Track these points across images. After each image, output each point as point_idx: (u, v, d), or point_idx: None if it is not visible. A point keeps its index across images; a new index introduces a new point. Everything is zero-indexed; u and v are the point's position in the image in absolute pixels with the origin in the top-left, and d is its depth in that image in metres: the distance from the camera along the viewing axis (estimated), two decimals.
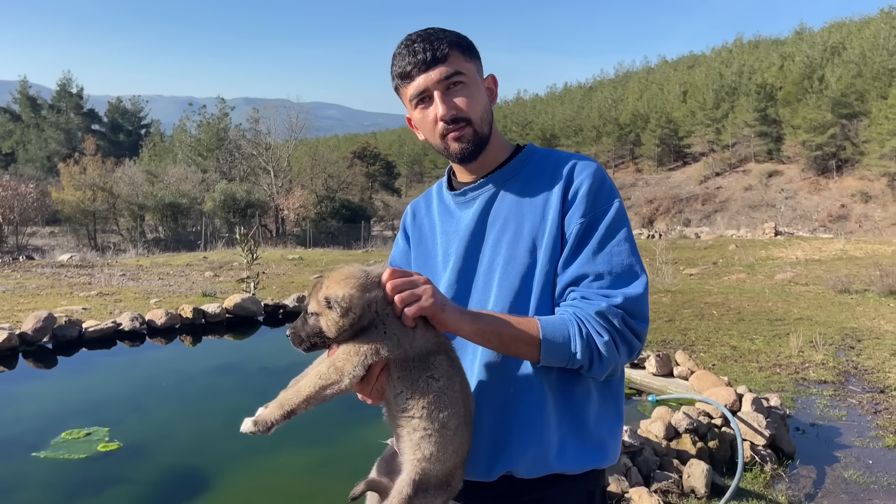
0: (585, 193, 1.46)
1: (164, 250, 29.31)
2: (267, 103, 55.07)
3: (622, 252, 1.43)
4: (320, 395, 1.29)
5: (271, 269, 17.15)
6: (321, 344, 1.32)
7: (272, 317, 9.03)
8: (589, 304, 1.39)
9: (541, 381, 1.45)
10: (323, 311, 1.29)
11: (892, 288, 11.85)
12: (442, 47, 1.45)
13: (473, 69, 1.52)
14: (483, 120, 1.51)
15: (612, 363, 1.40)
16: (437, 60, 1.45)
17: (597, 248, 1.43)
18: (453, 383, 1.34)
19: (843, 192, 50.56)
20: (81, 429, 4.78)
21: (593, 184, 1.47)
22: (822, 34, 71.41)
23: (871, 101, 49.48)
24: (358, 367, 1.27)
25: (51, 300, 10.78)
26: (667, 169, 66.66)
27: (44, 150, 63.18)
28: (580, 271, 1.43)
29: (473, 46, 1.54)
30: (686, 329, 9.04)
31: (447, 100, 1.47)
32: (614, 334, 1.37)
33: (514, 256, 1.49)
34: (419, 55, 1.45)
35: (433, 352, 1.33)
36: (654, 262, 14.54)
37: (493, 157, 1.57)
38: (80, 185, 38.34)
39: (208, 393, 6.05)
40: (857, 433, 5.24)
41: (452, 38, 1.49)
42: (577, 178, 1.48)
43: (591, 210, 1.45)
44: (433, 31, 1.49)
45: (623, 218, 1.48)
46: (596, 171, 1.49)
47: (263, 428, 1.31)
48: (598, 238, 1.44)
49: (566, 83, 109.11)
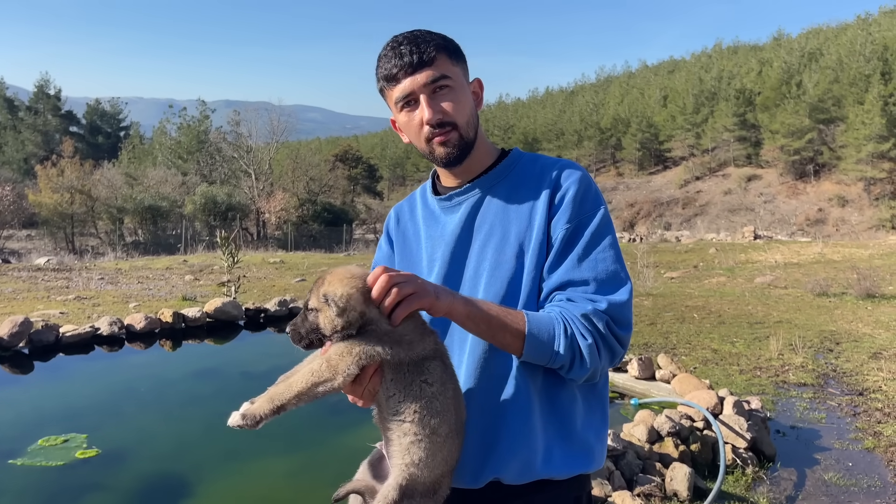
0: (571, 199, 1.45)
1: (143, 254, 29.02)
2: (248, 106, 54.76)
3: (607, 259, 1.43)
4: (312, 392, 1.26)
5: (252, 272, 17.03)
6: (318, 342, 1.30)
7: (253, 321, 8.96)
8: (575, 306, 1.39)
9: (527, 386, 1.44)
10: (322, 307, 1.27)
11: (868, 291, 12.01)
12: (429, 50, 1.43)
13: (460, 73, 1.50)
14: (469, 124, 1.49)
15: (592, 367, 1.39)
16: (424, 63, 1.43)
17: (582, 255, 1.42)
18: (446, 389, 1.33)
19: (821, 197, 51.22)
20: (59, 435, 4.70)
21: (579, 190, 1.46)
22: (799, 40, 72.42)
23: (848, 106, 50.22)
24: (352, 366, 1.25)
25: (27, 304, 10.62)
26: (647, 173, 67.19)
27: (21, 152, 62.41)
28: (565, 277, 1.42)
29: (460, 50, 1.52)
30: (667, 332, 9.09)
31: (433, 103, 1.45)
32: (598, 338, 1.37)
33: (501, 262, 1.48)
34: (405, 57, 1.43)
35: (429, 357, 1.31)
36: (636, 265, 14.62)
37: (478, 162, 1.56)
38: (57, 188, 37.88)
39: (188, 398, 5.98)
40: (837, 435, 5.28)
41: (440, 40, 1.47)
42: (564, 183, 1.48)
43: (577, 216, 1.45)
44: (420, 34, 1.47)
45: (608, 224, 1.47)
46: (582, 178, 1.49)
47: (252, 422, 1.28)
48: (583, 244, 1.43)
49: (548, 87, 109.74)
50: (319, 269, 18.44)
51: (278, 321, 9.10)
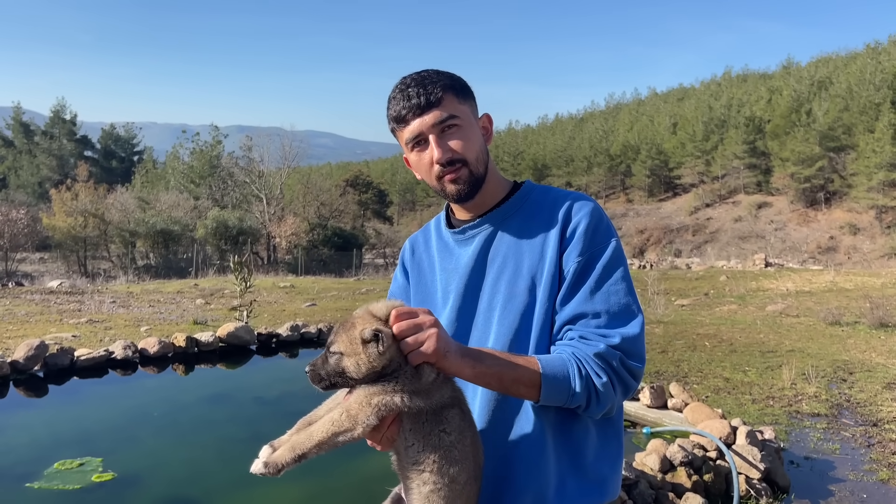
0: (583, 232, 1.48)
1: (154, 277, 29.18)
2: (260, 131, 55.32)
3: (619, 291, 1.45)
4: (332, 442, 1.29)
5: (263, 296, 17.10)
6: (342, 384, 1.32)
7: (265, 346, 8.99)
8: (587, 344, 1.41)
9: (540, 419, 1.47)
10: (352, 350, 1.28)
11: (882, 320, 11.92)
12: (435, 91, 1.48)
13: (468, 111, 1.54)
14: (478, 160, 1.53)
15: (609, 403, 1.42)
16: (431, 104, 1.47)
17: (594, 288, 1.45)
18: (465, 437, 1.35)
19: (832, 224, 51.04)
20: (74, 459, 4.72)
21: (591, 223, 1.49)
22: (809, 69, 72.64)
23: (859, 134, 50.25)
24: (371, 417, 1.26)
25: (40, 327, 10.71)
26: (657, 199, 67.24)
27: (36, 175, 63.20)
28: (577, 310, 1.44)
29: (468, 88, 1.56)
30: (679, 360, 9.06)
31: (442, 143, 1.49)
32: (612, 375, 1.39)
33: (514, 294, 1.51)
34: (413, 99, 1.47)
35: (447, 405, 1.33)
36: (647, 292, 14.59)
37: (490, 196, 1.59)
38: (71, 212, 38.24)
39: (201, 422, 6.00)
40: (851, 466, 5.25)
41: (446, 81, 1.51)
42: (575, 216, 1.50)
43: (589, 249, 1.47)
44: (427, 75, 1.51)
45: (620, 257, 1.49)
46: (593, 210, 1.51)
47: (274, 470, 1.31)
48: (595, 277, 1.46)
49: (557, 114, 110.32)
50: (329, 294, 18.49)
51: (290, 346, 9.12)
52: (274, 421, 6.14)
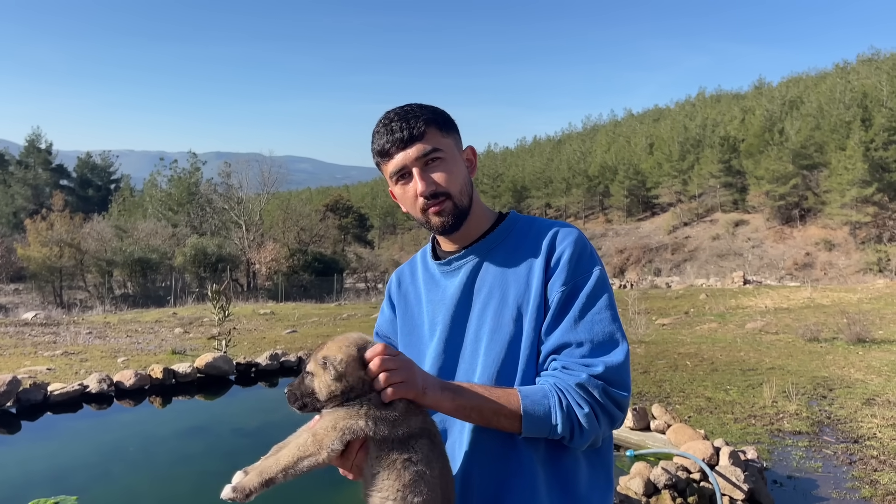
0: (567, 261, 1.47)
1: (132, 306, 28.82)
2: (239, 157, 55.24)
3: (603, 320, 1.44)
4: (298, 467, 1.28)
5: (242, 324, 16.93)
6: (311, 405, 1.33)
7: (244, 375, 8.87)
8: (570, 374, 1.40)
9: (530, 451, 1.45)
10: (318, 372, 1.30)
11: (859, 336, 12.05)
12: (418, 125, 1.48)
13: (451, 143, 1.54)
14: (462, 193, 1.53)
15: (592, 434, 1.40)
16: (414, 138, 1.47)
17: (578, 317, 1.44)
18: (432, 469, 1.33)
19: (808, 241, 51.76)
20: (48, 498, 4.59)
21: (574, 252, 1.49)
22: (780, 88, 74.11)
23: (830, 152, 51.19)
24: (336, 442, 1.27)
25: (14, 360, 10.50)
26: (636, 219, 67.82)
27: (10, 205, 62.43)
28: (562, 340, 1.44)
29: (451, 121, 1.56)
30: (661, 381, 9.06)
31: (426, 176, 1.49)
32: (595, 406, 1.38)
33: (500, 325, 1.50)
34: (396, 133, 1.48)
35: (416, 435, 1.32)
36: (628, 312, 14.64)
37: (475, 227, 1.59)
38: (46, 242, 37.80)
39: (178, 457, 5.88)
40: (834, 485, 5.25)
41: (429, 114, 1.51)
42: (559, 246, 1.50)
43: (573, 278, 1.47)
44: (410, 109, 1.52)
45: (604, 285, 1.49)
46: (577, 240, 1.51)
47: (241, 495, 1.29)
48: (579, 306, 1.45)
49: (535, 136, 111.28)
50: (310, 320, 18.35)
51: (270, 376, 9.01)
52: (253, 453, 5.98)
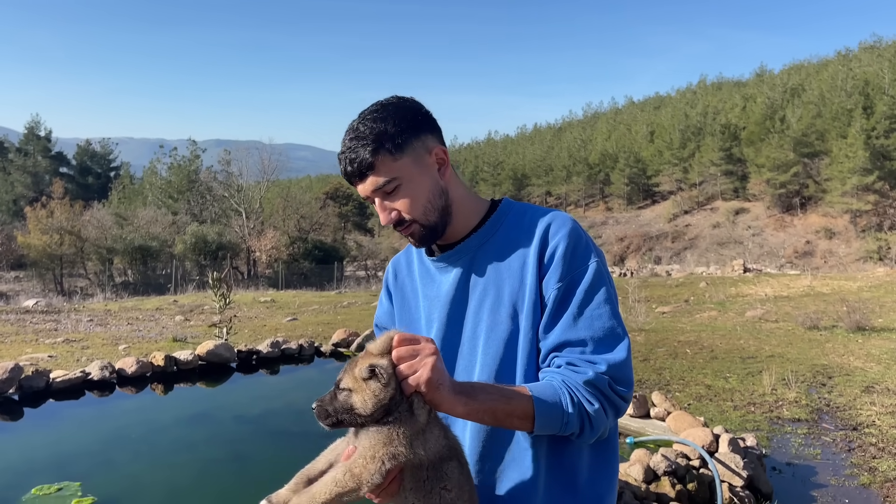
0: (561, 256, 1.43)
1: (133, 294, 28.84)
2: (239, 145, 55.13)
3: (602, 315, 1.41)
4: (336, 503, 1.25)
5: (243, 312, 16.96)
6: (349, 421, 1.28)
7: (245, 363, 8.91)
8: (576, 371, 1.38)
9: (532, 443, 1.45)
10: (359, 386, 1.25)
11: (858, 324, 12.07)
12: (366, 159, 1.41)
13: (408, 163, 1.45)
14: (429, 211, 1.48)
15: (601, 428, 1.40)
16: (364, 174, 1.43)
17: (577, 314, 1.41)
18: (463, 493, 1.32)
19: (808, 229, 51.74)
20: (52, 484, 4.63)
21: (569, 245, 1.44)
22: (781, 76, 73.83)
23: (832, 140, 51.06)
24: (376, 475, 1.23)
25: (15, 348, 10.52)
26: (636, 207, 67.74)
27: (10, 193, 62.32)
28: (562, 338, 1.41)
29: (405, 134, 1.44)
30: (661, 368, 9.09)
31: (385, 206, 1.46)
32: (604, 401, 1.38)
33: (497, 323, 1.48)
34: (348, 168, 1.44)
35: (445, 458, 1.30)
36: (628, 300, 14.66)
37: (463, 223, 1.55)
38: (46, 229, 37.77)
39: (180, 444, 5.91)
40: (833, 472, 5.28)
41: (377, 141, 1.42)
42: (553, 239, 1.45)
43: (568, 273, 1.43)
44: (358, 135, 1.44)
45: (601, 278, 1.44)
46: (571, 231, 1.46)
47: None
48: (577, 303, 1.42)
49: (536, 124, 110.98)
50: (311, 308, 18.38)
51: (271, 363, 9.05)
52: (255, 440, 6.07)
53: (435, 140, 1.51)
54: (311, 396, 1.32)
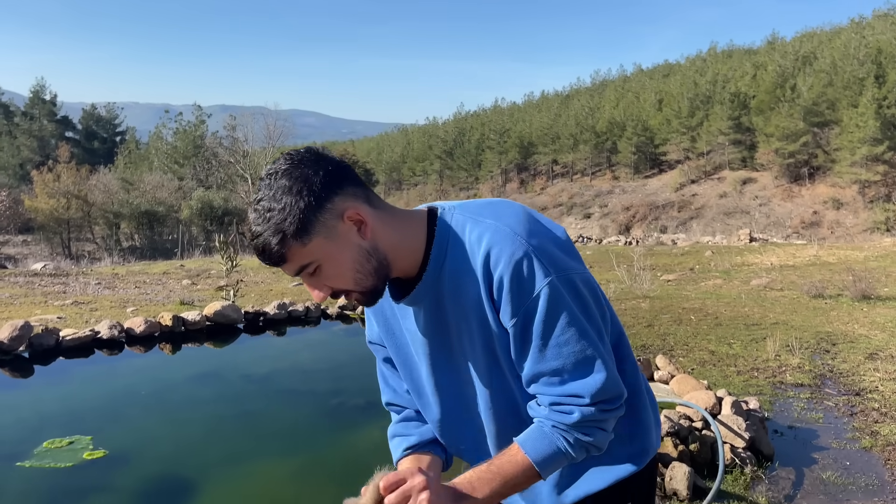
0: (508, 290, 1.31)
1: (139, 258, 28.98)
2: (244, 111, 54.84)
3: (569, 341, 1.33)
4: None
5: (249, 277, 17.03)
6: None
7: (252, 324, 8.98)
8: (563, 413, 1.36)
9: None
10: None
11: (864, 293, 12.06)
12: (274, 253, 1.30)
13: (320, 242, 1.30)
14: (360, 279, 1.36)
15: (605, 441, 1.42)
16: (279, 264, 1.32)
17: (541, 346, 1.34)
18: None
19: (816, 199, 51.45)
20: (63, 438, 4.72)
21: (513, 276, 1.30)
22: (793, 44, 72.70)
23: (842, 109, 50.48)
24: None
25: (25, 309, 10.61)
26: (643, 176, 67.38)
27: (16, 157, 62.34)
28: (534, 370, 1.37)
29: (308, 216, 1.28)
30: (665, 334, 9.13)
31: (314, 283, 1.36)
32: (598, 427, 1.38)
33: (477, 358, 1.45)
34: (261, 258, 1.34)
35: None
36: (633, 268, 14.66)
37: (410, 262, 1.41)
38: (53, 193, 37.88)
39: (189, 401, 6.00)
40: (834, 435, 5.33)
41: (279, 232, 1.28)
42: (496, 271, 1.32)
43: (520, 307, 1.32)
44: (260, 225, 1.30)
45: (558, 301, 1.31)
46: (511, 258, 1.30)
47: None
48: (537, 335, 1.33)
49: (543, 91, 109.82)
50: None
51: (278, 324, 9.12)
52: (261, 398, 6.15)
53: (345, 199, 1.31)
54: (318, 357, 1.34)
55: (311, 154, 1.32)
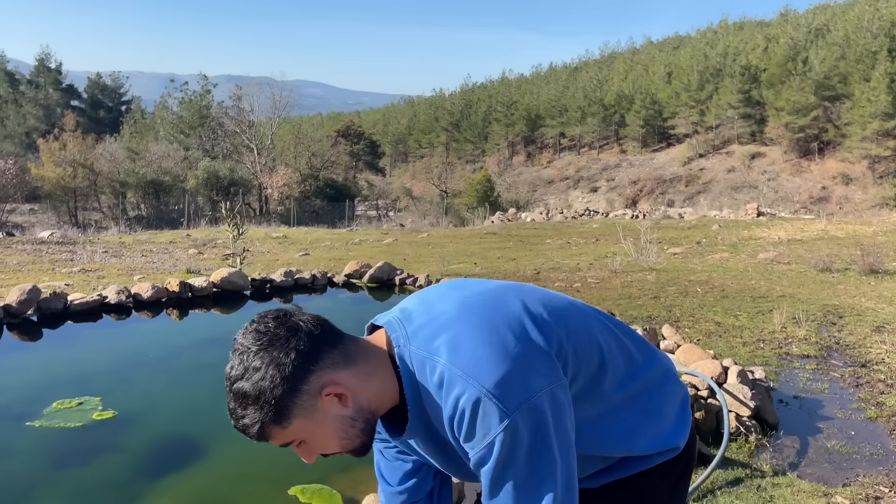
0: (465, 437, 1.32)
1: (146, 228, 29.05)
2: (250, 81, 54.56)
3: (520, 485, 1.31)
4: None
5: (255, 246, 17.05)
6: None
7: (259, 291, 9.01)
8: None
9: None
10: None
11: (872, 267, 12.01)
12: (254, 435, 1.31)
13: (300, 423, 1.30)
14: (346, 443, 1.36)
15: None
16: (262, 441, 1.33)
17: (491, 487, 1.34)
18: None
19: (825, 174, 51.08)
20: (72, 398, 4.76)
21: (469, 424, 1.29)
22: (806, 16, 71.70)
23: (854, 83, 49.88)
24: None
25: (33, 276, 10.66)
26: (651, 150, 66.93)
27: (22, 125, 62.25)
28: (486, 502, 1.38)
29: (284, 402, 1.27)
30: (671, 305, 9.12)
31: (302, 452, 1.37)
32: None
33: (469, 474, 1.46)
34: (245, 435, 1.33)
35: None
36: (639, 241, 14.62)
37: (391, 400, 1.41)
38: (60, 162, 37.86)
39: (196, 365, 6.04)
40: (840, 405, 5.33)
41: (257, 423, 1.28)
42: (455, 420, 1.32)
43: (477, 457, 1.32)
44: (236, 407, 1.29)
45: (514, 444, 1.28)
46: (463, 406, 1.28)
47: None
48: (487, 478, 1.33)
49: (551, 63, 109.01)
50: (322, 244, 18.47)
51: (284, 291, 9.14)
52: None
53: (322, 374, 1.30)
54: None
55: (282, 329, 1.30)
